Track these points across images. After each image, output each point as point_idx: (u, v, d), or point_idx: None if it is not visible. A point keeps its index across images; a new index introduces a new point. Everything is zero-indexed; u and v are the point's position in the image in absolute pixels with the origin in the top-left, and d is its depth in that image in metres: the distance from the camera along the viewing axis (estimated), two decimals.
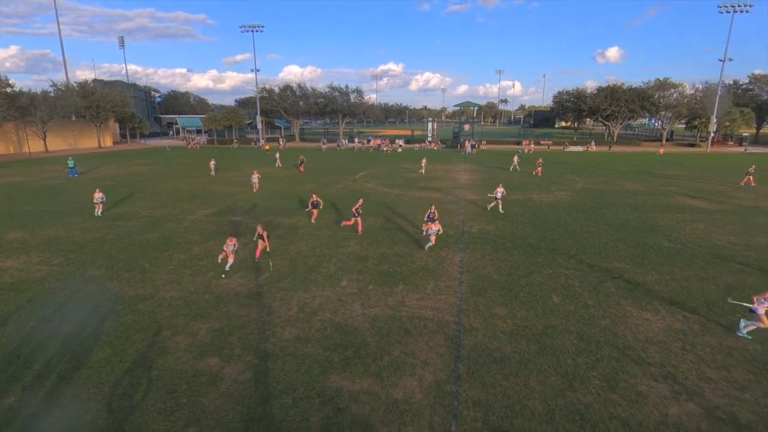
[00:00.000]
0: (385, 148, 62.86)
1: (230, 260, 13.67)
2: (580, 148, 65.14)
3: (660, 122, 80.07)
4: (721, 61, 62.99)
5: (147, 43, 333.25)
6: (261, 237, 14.17)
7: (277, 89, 78.55)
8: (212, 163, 35.97)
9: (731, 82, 77.81)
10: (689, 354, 9.19)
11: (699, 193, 28.01)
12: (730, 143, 74.01)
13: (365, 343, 9.59)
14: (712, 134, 66.68)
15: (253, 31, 69.33)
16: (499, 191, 21.90)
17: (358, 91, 79.36)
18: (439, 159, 49.61)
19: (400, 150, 61.65)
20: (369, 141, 68.95)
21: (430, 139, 69.77)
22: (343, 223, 18.90)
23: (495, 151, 61.66)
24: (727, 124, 69.87)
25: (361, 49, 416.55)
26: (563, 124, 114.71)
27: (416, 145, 68.57)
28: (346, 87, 77.98)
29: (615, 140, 74.00)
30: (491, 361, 8.88)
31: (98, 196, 21.07)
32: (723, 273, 13.72)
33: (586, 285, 12.72)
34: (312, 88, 79.02)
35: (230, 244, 13.48)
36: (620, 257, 15.16)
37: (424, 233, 15.77)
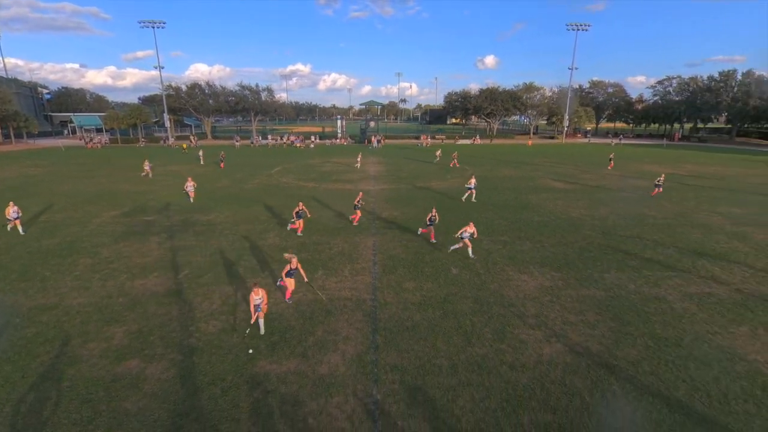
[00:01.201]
0: (298, 145, 61.09)
1: (261, 320, 9.14)
2: (468, 141, 69.64)
3: (528, 119, 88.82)
4: (569, 69, 71.75)
5: (29, 35, 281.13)
6: (289, 272, 10.34)
7: (184, 87, 71.56)
8: (147, 164, 30.19)
9: (577, 87, 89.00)
10: (556, 305, 10.48)
11: (558, 177, 31.79)
12: (578, 135, 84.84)
13: (290, 327, 9.37)
14: (565, 128, 75.92)
15: (153, 27, 62.01)
16: (473, 182, 22.55)
17: (269, 90, 75.71)
18: (349, 153, 49.65)
19: (312, 146, 60.40)
20: (285, 138, 66.35)
21: (339, 135, 69.32)
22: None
23: (398, 145, 63.35)
24: (576, 120, 79.90)
25: (270, 50, 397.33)
26: (454, 120, 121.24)
27: (328, 141, 67.68)
28: (257, 86, 73.93)
29: (495, 134, 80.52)
30: (404, 329, 9.25)
31: (12, 210, 15.98)
32: (577, 239, 15.80)
33: (478, 256, 13.78)
34: (222, 87, 73.41)
35: (256, 298, 8.92)
36: (503, 231, 16.65)
37: (458, 235, 13.81)
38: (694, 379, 7.58)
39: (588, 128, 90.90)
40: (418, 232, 15.97)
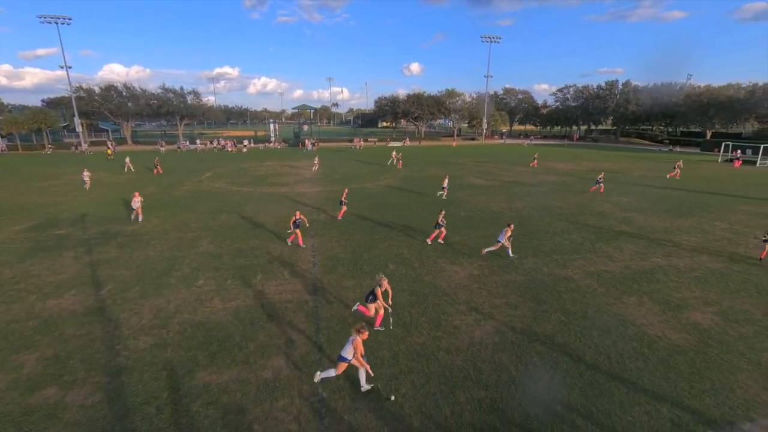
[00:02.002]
0: (230, 149, 57.84)
1: (364, 373, 7.15)
2: (398, 143, 71.19)
3: (451, 122, 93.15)
4: (485, 77, 76.55)
5: None
6: (373, 295, 8.96)
7: (97, 89, 64.06)
8: (86, 174, 26.51)
9: (493, 93, 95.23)
10: (483, 291, 11.13)
11: (480, 174, 33.76)
12: (496, 137, 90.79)
13: (229, 335, 8.86)
14: (484, 131, 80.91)
15: (57, 23, 54.66)
16: (446, 182, 23.79)
17: (195, 93, 70.51)
18: (284, 157, 48.17)
19: (245, 150, 57.58)
20: (216, 142, 62.30)
21: (273, 138, 66.93)
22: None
23: (333, 148, 62.79)
24: (493, 123, 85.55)
25: (194, 52, 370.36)
26: (384, 124, 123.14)
27: (261, 144, 64.97)
28: (181, 88, 68.44)
29: (423, 136, 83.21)
30: (346, 326, 9.20)
31: None
32: (496, 231, 16.90)
33: (413, 251, 14.16)
34: (141, 89, 66.85)
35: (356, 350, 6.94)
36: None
37: (504, 243, 13.55)
38: (597, 345, 8.51)
39: (503, 130, 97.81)
40: (428, 242, 15.04)
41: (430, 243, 14.97)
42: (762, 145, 43.72)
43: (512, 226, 13.83)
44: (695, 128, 77.88)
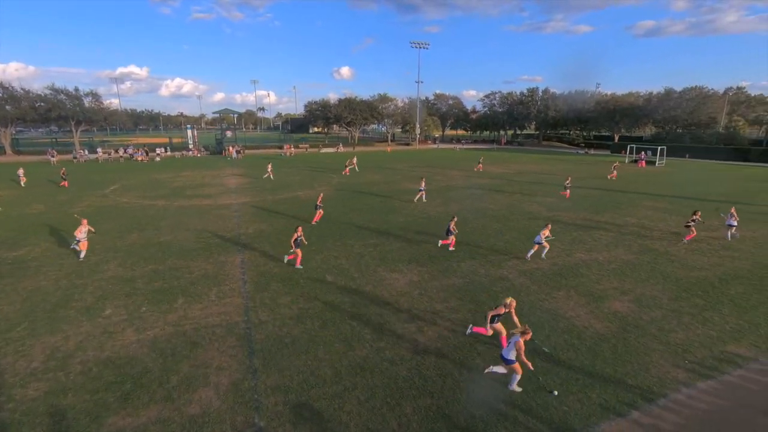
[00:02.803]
0: (140, 158, 53.14)
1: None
2: (331, 150, 70.93)
3: (385, 127, 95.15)
4: (416, 82, 79.74)
5: None
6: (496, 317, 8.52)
7: None
8: (21, 171, 28.52)
9: (424, 98, 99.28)
10: (424, 297, 11.44)
11: (415, 179, 34.80)
12: (429, 142, 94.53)
13: (146, 369, 8.05)
14: (418, 135, 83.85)
15: None
16: (423, 184, 24.88)
17: (94, 95, 63.71)
18: (205, 166, 45.46)
19: (158, 159, 53.31)
20: (122, 151, 56.75)
21: (192, 146, 62.86)
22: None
23: (261, 155, 60.66)
24: (426, 128, 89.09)
25: (91, 49, 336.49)
26: (316, 129, 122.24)
27: (178, 153, 60.65)
28: (77, 89, 61.39)
29: (357, 142, 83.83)
30: (283, 346, 8.87)
31: None
32: (436, 235, 17.55)
33: (351, 262, 14.11)
34: (23, 89, 58.77)
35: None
36: (373, 234, 17.43)
37: (543, 244, 14.12)
38: (533, 341, 9.16)
39: (436, 135, 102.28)
40: (438, 244, 15.73)
41: (451, 248, 15.43)
42: (659, 147, 50.86)
43: (549, 225, 14.78)
44: (605, 132, 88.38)
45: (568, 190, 27.18)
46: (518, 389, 7.51)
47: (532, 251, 14.53)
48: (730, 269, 13.65)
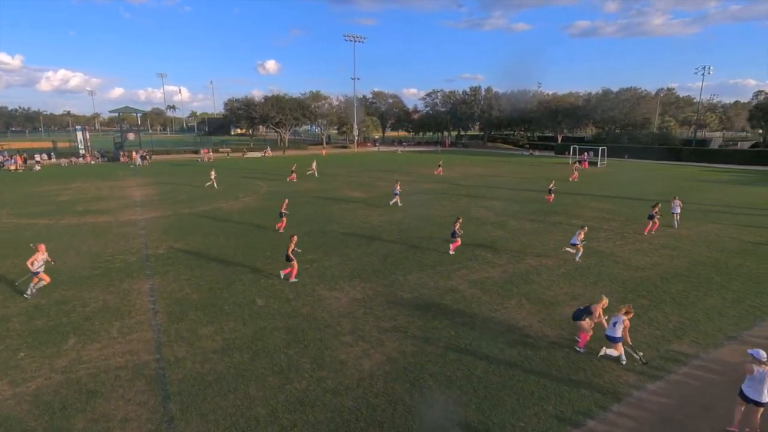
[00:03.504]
0: (13, 167, 47.75)
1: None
2: (258, 154, 69.01)
3: (319, 128, 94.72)
4: (353, 79, 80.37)
5: None
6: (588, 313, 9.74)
7: None
8: None
9: (362, 97, 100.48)
10: (370, 316, 11.43)
11: (355, 186, 34.96)
12: (368, 144, 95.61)
13: (27, 429, 7.14)
14: (356, 137, 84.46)
15: None
16: (398, 188, 26.28)
17: None
18: (102, 175, 41.99)
19: (38, 168, 48.24)
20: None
21: (83, 151, 57.80)
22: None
23: (172, 161, 57.33)
24: (365, 129, 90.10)
25: None
26: (238, 131, 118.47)
27: (64, 160, 55.37)
28: None
29: (287, 145, 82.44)
30: (206, 386, 8.35)
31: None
32: (380, 246, 17.70)
33: (285, 281, 13.73)
34: None
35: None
36: (309, 249, 17.14)
37: (575, 250, 15.98)
38: (488, 356, 9.52)
39: (376, 137, 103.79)
40: (450, 251, 16.75)
41: (451, 252, 16.75)
42: (600, 148, 55.96)
43: (586, 228, 16.66)
44: (549, 133, 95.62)
45: (552, 194, 28.66)
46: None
47: (572, 251, 16.32)
48: (669, 268, 15.28)
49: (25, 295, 12.36)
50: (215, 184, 33.30)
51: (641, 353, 9.44)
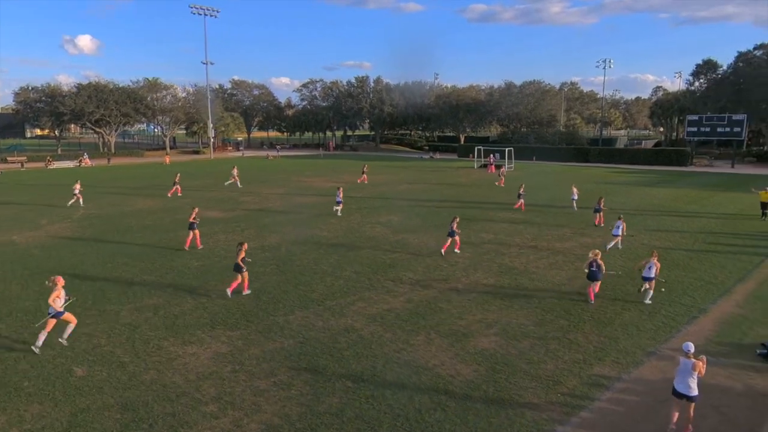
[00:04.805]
0: None
1: None
2: (70, 164, 62.90)
3: (160, 128, 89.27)
4: (204, 63, 77.43)
5: None
6: None
7: None
8: None
9: (218, 87, 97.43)
10: (241, 374, 10.94)
11: (212, 203, 33.58)
12: (229, 148, 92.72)
13: None
14: (212, 140, 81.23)
15: None
16: (340, 194, 29.46)
17: None
18: None
19: None
20: None
21: None
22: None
23: None
24: (222, 129, 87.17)
25: None
26: (39, 132, 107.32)
27: None
28: None
29: (114, 151, 76.17)
30: None
31: None
32: (251, 279, 17.14)
33: (117, 338, 12.55)
34: None
35: None
36: (150, 292, 15.90)
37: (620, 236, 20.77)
38: (393, 408, 9.69)
39: (240, 139, 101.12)
40: (442, 253, 19.92)
41: (457, 249, 20.41)
42: (507, 149, 61.62)
43: (622, 218, 21.32)
44: (450, 133, 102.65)
45: (522, 200, 31.73)
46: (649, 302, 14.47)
47: (612, 244, 20.75)
48: (585, 282, 17.26)
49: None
50: (81, 201, 32.09)
51: (663, 280, 15.83)
